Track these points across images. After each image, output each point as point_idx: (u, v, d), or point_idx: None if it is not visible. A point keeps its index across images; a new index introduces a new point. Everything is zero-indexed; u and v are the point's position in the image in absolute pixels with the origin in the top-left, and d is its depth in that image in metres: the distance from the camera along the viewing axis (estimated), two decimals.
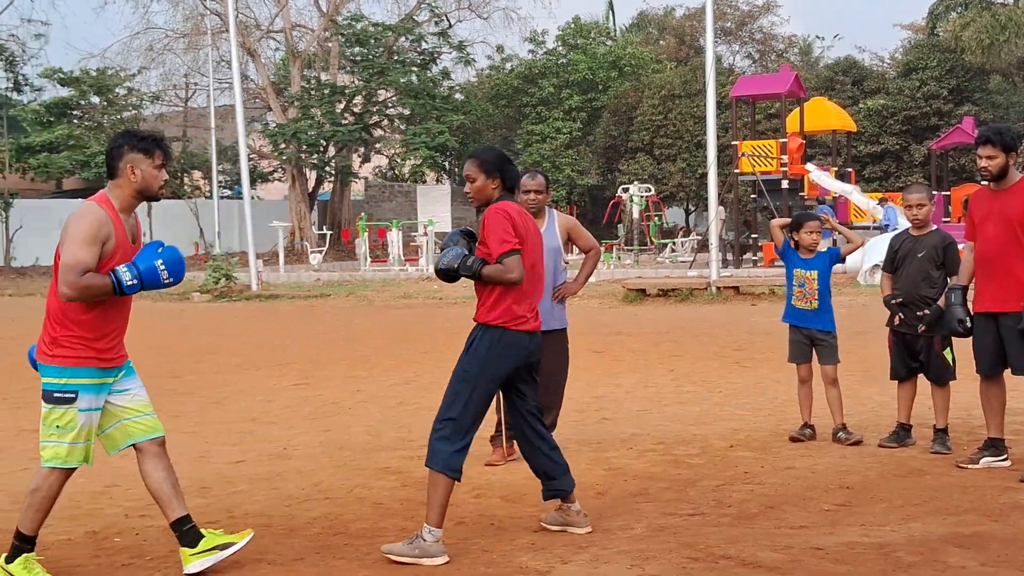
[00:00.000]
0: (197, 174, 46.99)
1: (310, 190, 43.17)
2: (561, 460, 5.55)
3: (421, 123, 41.96)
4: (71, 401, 4.79)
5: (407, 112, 43.38)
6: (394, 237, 32.06)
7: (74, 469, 4.90)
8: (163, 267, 4.80)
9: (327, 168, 42.35)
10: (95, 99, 41.79)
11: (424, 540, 5.08)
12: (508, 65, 49.19)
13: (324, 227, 41.74)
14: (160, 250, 4.86)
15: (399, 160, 46.28)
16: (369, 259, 32.46)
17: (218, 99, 41.84)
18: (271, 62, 45.87)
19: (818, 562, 4.89)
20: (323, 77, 43.44)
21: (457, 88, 47.42)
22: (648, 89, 44.24)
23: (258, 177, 45.01)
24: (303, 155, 40.84)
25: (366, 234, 33.08)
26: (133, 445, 5.02)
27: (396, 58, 43.43)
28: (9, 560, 4.85)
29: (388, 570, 4.92)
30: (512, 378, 5.43)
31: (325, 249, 35.91)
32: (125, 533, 5.67)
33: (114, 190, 4.92)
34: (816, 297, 7.82)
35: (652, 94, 43.68)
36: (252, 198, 29.73)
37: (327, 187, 45.89)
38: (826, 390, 7.77)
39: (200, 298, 23.94)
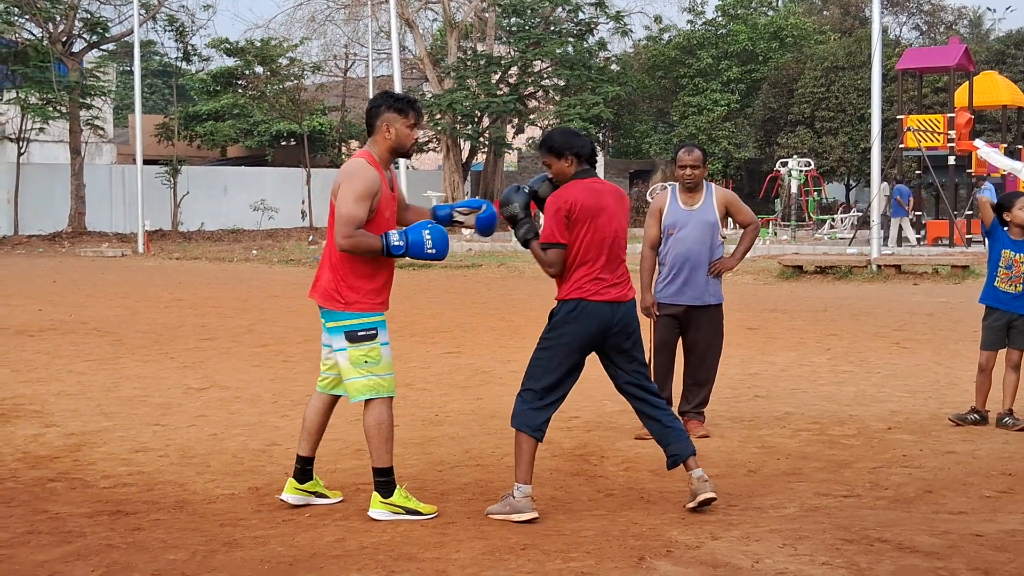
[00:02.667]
0: (355, 143, 47.93)
1: (464, 161, 43.56)
2: (674, 424, 5.52)
3: (576, 94, 41.86)
4: (373, 337, 5.28)
5: (562, 83, 43.31)
6: None
7: (392, 399, 5.37)
8: (429, 239, 5.24)
9: (481, 139, 42.66)
10: (259, 69, 42.96)
11: (513, 497, 5.30)
12: (666, 36, 48.62)
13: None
14: (429, 226, 5.29)
15: None
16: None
17: (376, 69, 42.53)
18: (428, 33, 46.38)
19: (977, 549, 4.75)
20: (479, 48, 43.70)
21: (613, 59, 47.10)
22: (810, 61, 43.17)
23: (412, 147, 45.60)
24: (458, 126, 41.22)
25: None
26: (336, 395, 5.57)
27: (552, 28, 43.39)
28: (387, 496, 5.29)
29: (539, 533, 4.97)
30: (603, 350, 5.47)
31: None
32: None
33: (373, 146, 5.35)
34: (1023, 281, 7.47)
35: (814, 66, 42.61)
36: (407, 168, 30.14)
37: (480, 158, 46.25)
38: (1006, 373, 7.48)
39: None
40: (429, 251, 5.25)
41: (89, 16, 36.51)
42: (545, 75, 43.97)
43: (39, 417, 7.89)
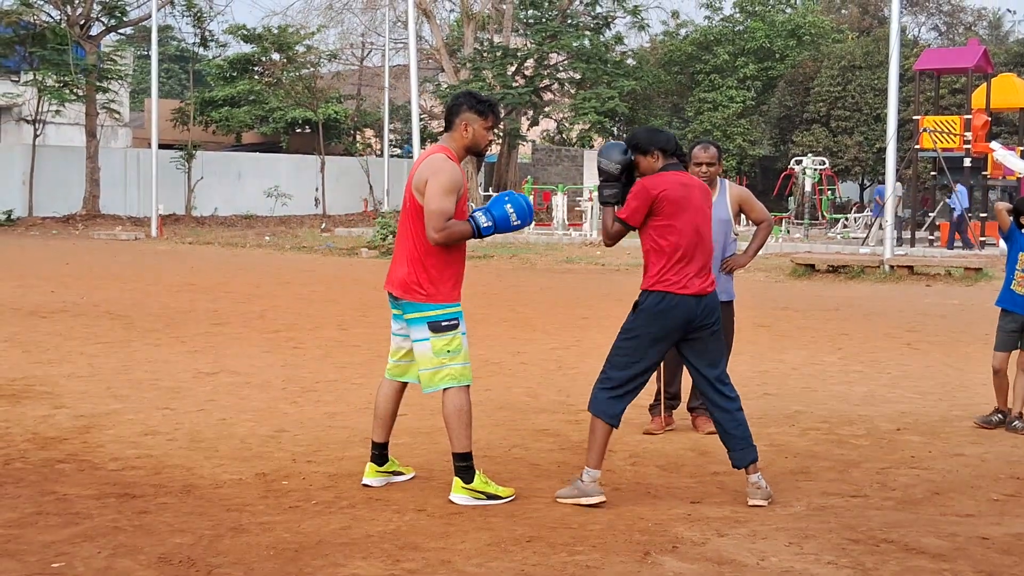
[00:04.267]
0: (369, 132, 47.95)
1: None
2: (738, 432, 5.57)
3: (592, 88, 41.79)
4: (456, 327, 5.46)
5: (578, 76, 43.25)
6: (559, 201, 32.13)
7: (469, 387, 5.53)
8: (512, 212, 5.40)
9: (496, 130, 42.58)
10: (275, 56, 42.98)
11: (582, 481, 5.40)
12: (683, 31, 48.50)
13: (490, 188, 42.09)
14: (507, 198, 5.46)
15: (567, 124, 46.26)
16: (534, 222, 32.63)
17: (392, 59, 42.53)
18: (445, 23, 46.35)
19: (984, 552, 4.74)
20: (496, 39, 43.67)
21: (629, 53, 47.02)
22: (827, 59, 43.01)
23: (428, 137, 45.57)
24: None
25: (531, 197, 33.22)
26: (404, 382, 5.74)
27: (569, 22, 43.32)
28: (468, 481, 5.41)
29: (545, 525, 4.98)
30: (685, 343, 5.53)
31: None
32: (292, 477, 5.88)
33: (449, 142, 5.53)
34: None
35: (831, 64, 42.45)
36: None
37: (495, 149, 46.21)
38: (1017, 376, 7.46)
39: (368, 254, 24.48)
40: (516, 223, 5.43)
41: (107, 0, 36.55)
42: (561, 68, 43.91)
43: (49, 398, 7.92)
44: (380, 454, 5.76)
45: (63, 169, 35.33)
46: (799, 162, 34.70)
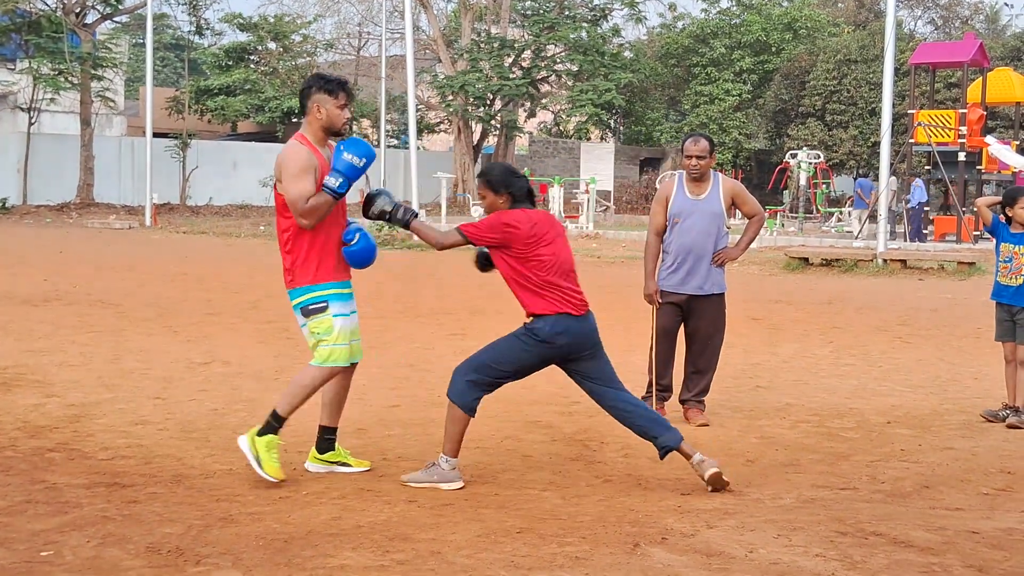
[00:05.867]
0: (366, 122, 47.88)
1: (475, 143, 43.50)
2: (654, 416, 5.68)
3: (588, 80, 41.77)
4: (323, 310, 5.51)
5: (575, 68, 43.22)
6: (555, 193, 32.09)
7: (340, 368, 5.64)
8: (352, 156, 5.36)
9: (492, 121, 42.58)
10: (272, 45, 42.91)
11: (442, 467, 5.52)
12: (679, 24, 48.47)
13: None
14: (343, 146, 5.43)
15: (564, 116, 46.23)
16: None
17: (389, 49, 42.46)
18: (443, 14, 46.32)
19: (973, 546, 4.75)
20: (493, 30, 43.62)
21: (626, 46, 47.00)
22: (823, 53, 43.01)
23: (425, 128, 45.58)
24: (470, 107, 41.16)
25: None
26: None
27: (567, 13, 43.29)
28: (261, 433, 5.52)
29: (535, 516, 4.98)
30: (567, 361, 5.69)
31: None
32: (283, 467, 5.86)
33: (306, 128, 5.56)
34: (1022, 273, 7.50)
35: (827, 58, 42.45)
36: (418, 148, 30.10)
37: (491, 140, 46.19)
38: (1017, 369, 7.48)
39: None
40: (361, 164, 5.39)
41: None
42: (558, 60, 43.88)
43: (40, 387, 7.90)
44: (323, 439, 5.80)
45: (58, 157, 35.25)
46: (794, 156, 34.70)
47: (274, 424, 5.53)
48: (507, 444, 6.55)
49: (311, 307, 5.52)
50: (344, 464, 5.81)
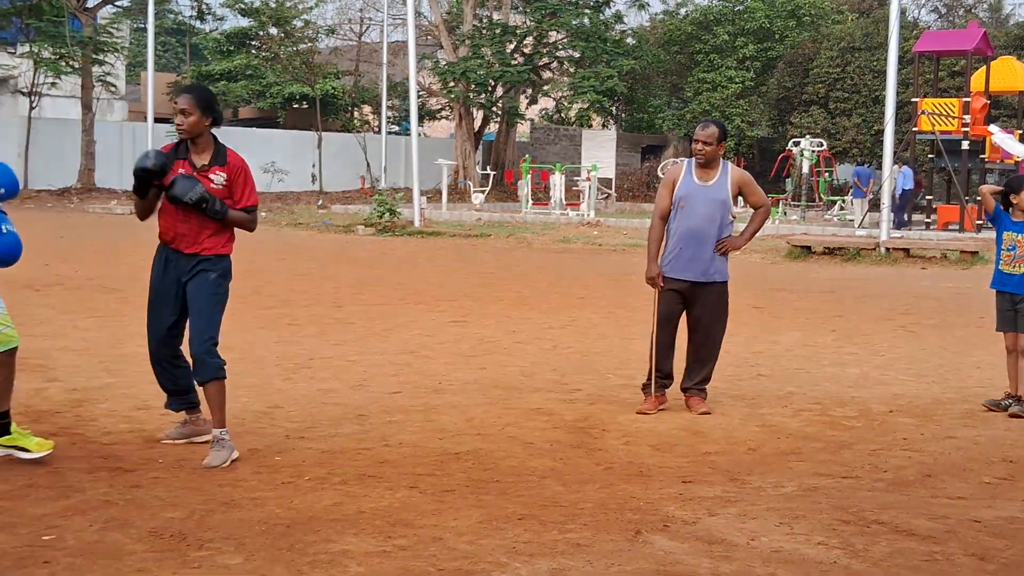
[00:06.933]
0: (367, 109, 47.81)
1: (476, 130, 43.44)
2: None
3: (590, 67, 41.68)
4: None
5: (577, 55, 43.11)
6: (557, 180, 32.06)
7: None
8: None
9: (494, 108, 42.50)
10: (273, 30, 42.80)
11: (228, 440, 5.67)
12: (682, 11, 48.31)
13: (488, 167, 42.01)
14: None
15: (566, 103, 46.14)
16: (531, 201, 32.57)
17: (391, 35, 42.38)
18: None
19: (975, 535, 4.75)
20: (495, 16, 43.50)
21: (629, 32, 46.87)
22: (827, 40, 42.86)
23: (426, 114, 45.49)
24: (471, 94, 41.08)
25: (529, 176, 33.17)
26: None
27: (569, 0, 43.16)
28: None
29: (537, 503, 4.98)
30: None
31: (487, 189, 36.16)
32: (285, 453, 5.88)
33: None
34: None
35: (831, 46, 42.30)
36: (419, 135, 30.09)
37: (493, 127, 46.11)
38: (1018, 359, 7.46)
39: (364, 231, 24.46)
40: None
41: None
42: (560, 46, 43.76)
43: (42, 372, 7.90)
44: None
45: (59, 142, 35.21)
46: (797, 144, 34.62)
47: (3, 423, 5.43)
48: (508, 431, 6.55)
49: None
50: (23, 448, 5.47)
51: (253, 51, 43.41)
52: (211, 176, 5.76)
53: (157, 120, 32.99)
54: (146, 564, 4.18)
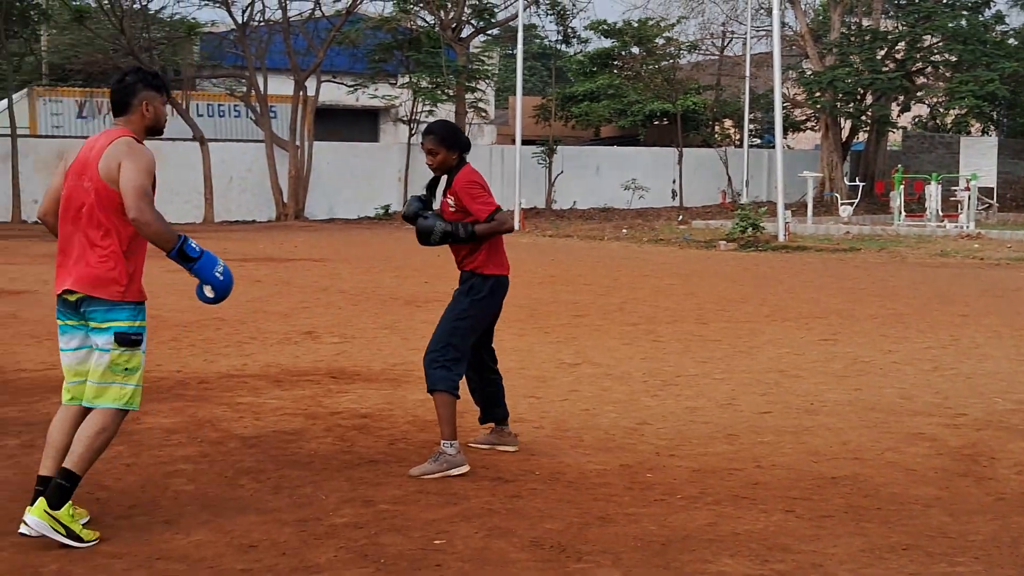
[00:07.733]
0: (728, 122, 47.45)
1: (843, 140, 42.09)
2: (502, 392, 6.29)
3: (968, 70, 39.35)
4: (139, 343, 4.75)
5: (953, 59, 40.82)
6: (932, 191, 30.43)
7: (127, 413, 4.80)
8: (220, 273, 4.77)
9: (863, 117, 41.02)
10: (635, 49, 43.39)
11: (448, 453, 5.68)
12: None
13: (856, 179, 40.53)
14: (221, 268, 4.78)
15: (941, 109, 43.77)
16: (904, 213, 31.10)
17: (753, 47, 41.84)
18: (810, 8, 45.09)
19: None
20: (864, 23, 42.03)
21: (1011, 33, 43.88)
22: None
23: (790, 126, 44.58)
24: (839, 103, 39.86)
25: (901, 187, 31.68)
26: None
27: (944, 2, 41.00)
28: (55, 506, 4.58)
29: (922, 534, 4.71)
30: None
31: (856, 201, 34.86)
32: (656, 470, 5.89)
33: (129, 125, 4.88)
34: None
35: None
36: (783, 148, 29.50)
37: (861, 137, 44.51)
38: None
39: (726, 246, 24.25)
40: (218, 274, 4.76)
41: (477, 3, 38.26)
42: (935, 50, 41.62)
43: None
44: (44, 490, 4.68)
45: None
46: None
47: (66, 487, 4.59)
48: (888, 456, 6.25)
49: (132, 336, 4.70)
50: (74, 537, 4.61)
51: (615, 71, 44.18)
52: (447, 201, 6.06)
53: (524, 142, 34.24)
54: (529, 574, 4.31)
